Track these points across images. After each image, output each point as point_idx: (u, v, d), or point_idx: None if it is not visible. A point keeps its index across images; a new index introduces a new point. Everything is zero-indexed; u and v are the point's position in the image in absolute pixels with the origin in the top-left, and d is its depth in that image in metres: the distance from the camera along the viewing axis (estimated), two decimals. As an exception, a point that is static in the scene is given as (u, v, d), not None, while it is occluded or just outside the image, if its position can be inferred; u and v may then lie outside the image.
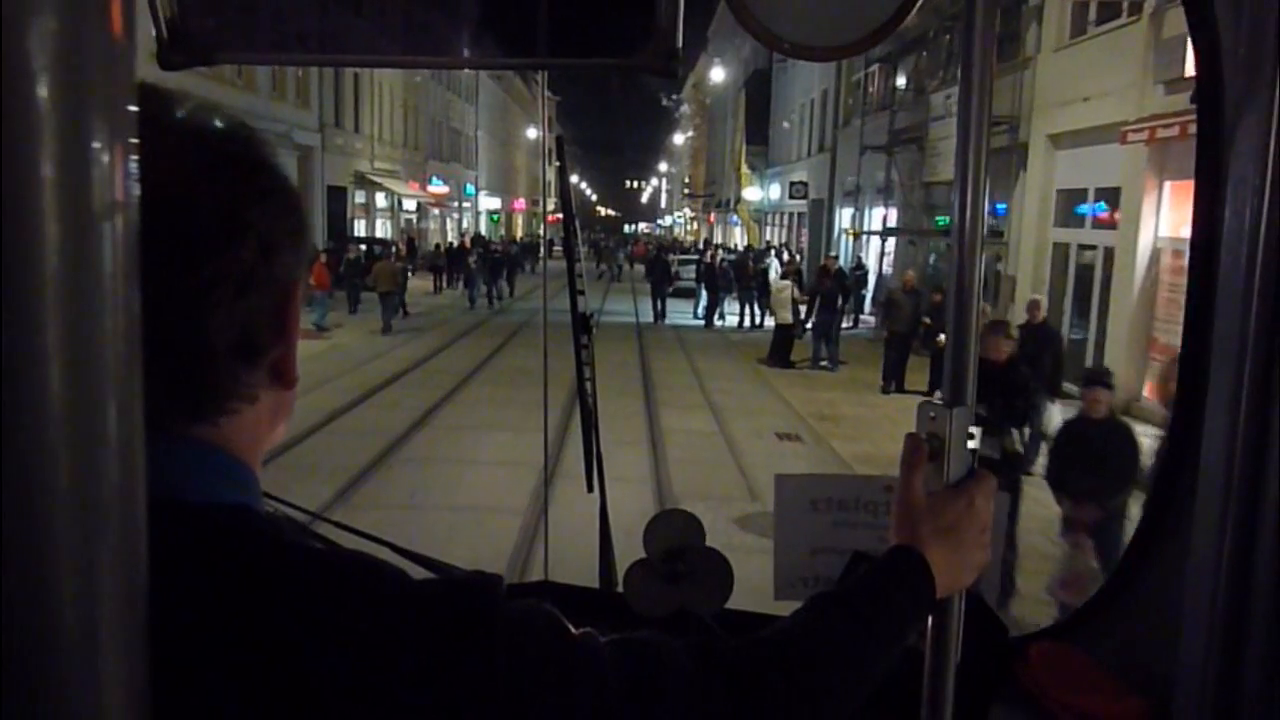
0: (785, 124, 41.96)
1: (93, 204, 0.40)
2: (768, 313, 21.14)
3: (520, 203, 74.86)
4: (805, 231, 36.91)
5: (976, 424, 1.01)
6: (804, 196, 35.22)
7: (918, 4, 1.12)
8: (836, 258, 22.29)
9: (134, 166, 0.42)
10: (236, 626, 0.64)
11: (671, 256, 32.96)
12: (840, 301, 17.34)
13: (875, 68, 25.85)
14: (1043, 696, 1.33)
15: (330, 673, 0.64)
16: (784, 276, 19.39)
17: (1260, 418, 0.93)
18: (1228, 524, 0.96)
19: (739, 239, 50.75)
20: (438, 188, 44.04)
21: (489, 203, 61.65)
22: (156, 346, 0.45)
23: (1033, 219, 16.09)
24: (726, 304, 24.57)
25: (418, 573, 0.97)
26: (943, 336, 12.20)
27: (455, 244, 36.05)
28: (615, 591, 1.63)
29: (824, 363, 16.69)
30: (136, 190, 0.42)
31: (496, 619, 0.70)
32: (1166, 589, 1.26)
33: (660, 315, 25.16)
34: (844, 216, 30.91)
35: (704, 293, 24.89)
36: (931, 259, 21.58)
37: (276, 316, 0.74)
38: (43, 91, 0.38)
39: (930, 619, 1.04)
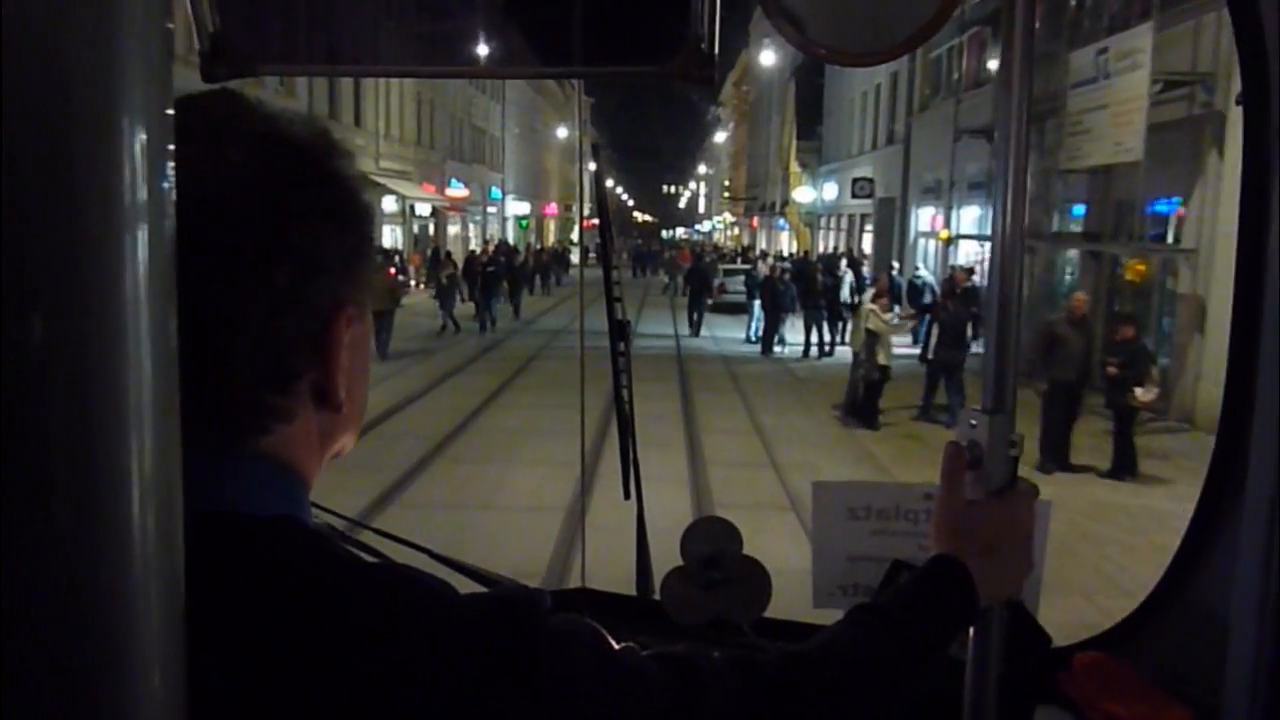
0: (835, 115, 36.77)
1: (127, 213, 0.40)
2: (844, 339, 17.41)
3: (552, 207, 70.59)
4: (869, 235, 32.37)
5: None
6: (868, 195, 30.51)
7: (958, 6, 1.11)
8: (972, 271, 15.61)
9: (170, 175, 0.42)
10: (277, 638, 0.64)
11: (718, 265, 29.72)
12: (972, 330, 12.09)
13: (968, 36, 20.79)
14: (1086, 707, 1.31)
15: (373, 689, 0.64)
16: (877, 296, 13.04)
17: None
18: (1276, 534, 0.94)
19: (785, 245, 47.06)
20: (457, 190, 39.91)
21: (517, 207, 57.24)
22: (181, 363, 0.45)
23: (1235, 216, 10.79)
24: (786, 324, 19.81)
25: (461, 582, 0.98)
26: (1141, 390, 9.30)
27: (478, 251, 31.21)
28: (652, 599, 1.63)
29: (938, 415, 11.89)
30: (173, 199, 0.43)
31: (542, 635, 0.70)
32: (1213, 600, 1.24)
33: (696, 327, 22.48)
34: (920, 217, 26.19)
35: (758, 310, 20.28)
36: (1067, 271, 16.46)
37: (315, 341, 0.72)
38: (79, 99, 0.38)
39: (972, 629, 1.03)
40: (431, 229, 38.73)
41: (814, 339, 18.83)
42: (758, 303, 20.37)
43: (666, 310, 26.97)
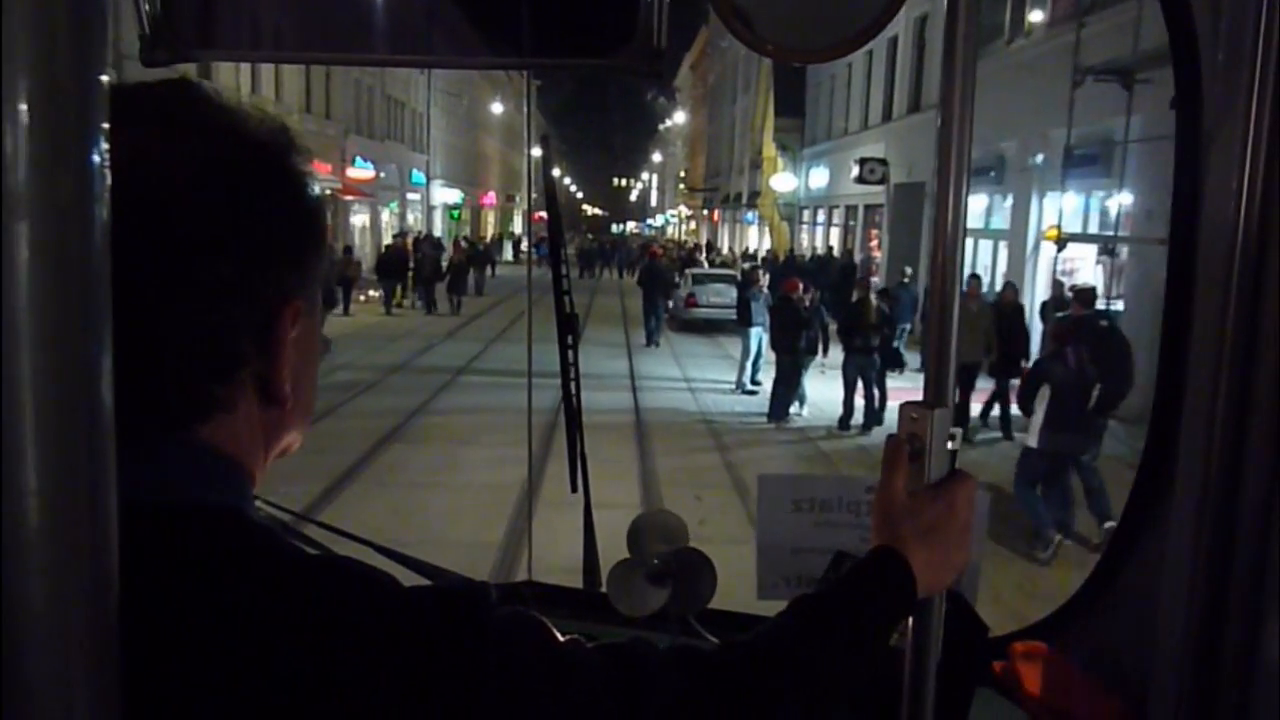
0: (827, 84, 28.68)
1: (61, 199, 0.39)
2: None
3: (491, 197, 62.45)
4: (879, 232, 25.00)
5: None
6: (880, 180, 22.64)
7: (901, 6, 1.13)
8: (1090, 295, 9.05)
9: (105, 159, 0.41)
10: (218, 629, 0.64)
11: (686, 270, 24.06)
12: (1102, 400, 7.25)
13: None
14: (1022, 696, 1.34)
15: (314, 680, 0.63)
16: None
17: (1236, 420, 0.94)
18: (1204, 525, 0.97)
19: (754, 241, 40.76)
20: (361, 171, 32.60)
21: (446, 195, 48.97)
22: (120, 349, 0.44)
23: None
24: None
25: (405, 575, 0.97)
26: None
27: (391, 245, 25.91)
28: (599, 591, 1.63)
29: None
30: (107, 183, 0.42)
31: (486, 627, 0.70)
32: (1145, 590, 1.27)
33: (652, 337, 18.63)
34: (967, 208, 17.00)
35: (758, 342, 13.44)
36: None
37: (260, 332, 0.72)
38: (12, 83, 0.37)
39: (911, 619, 1.04)
40: (334, 217, 30.07)
41: (860, 394, 11.37)
42: (757, 330, 13.45)
43: (618, 327, 20.95)
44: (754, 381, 13.72)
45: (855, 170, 23.27)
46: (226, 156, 0.71)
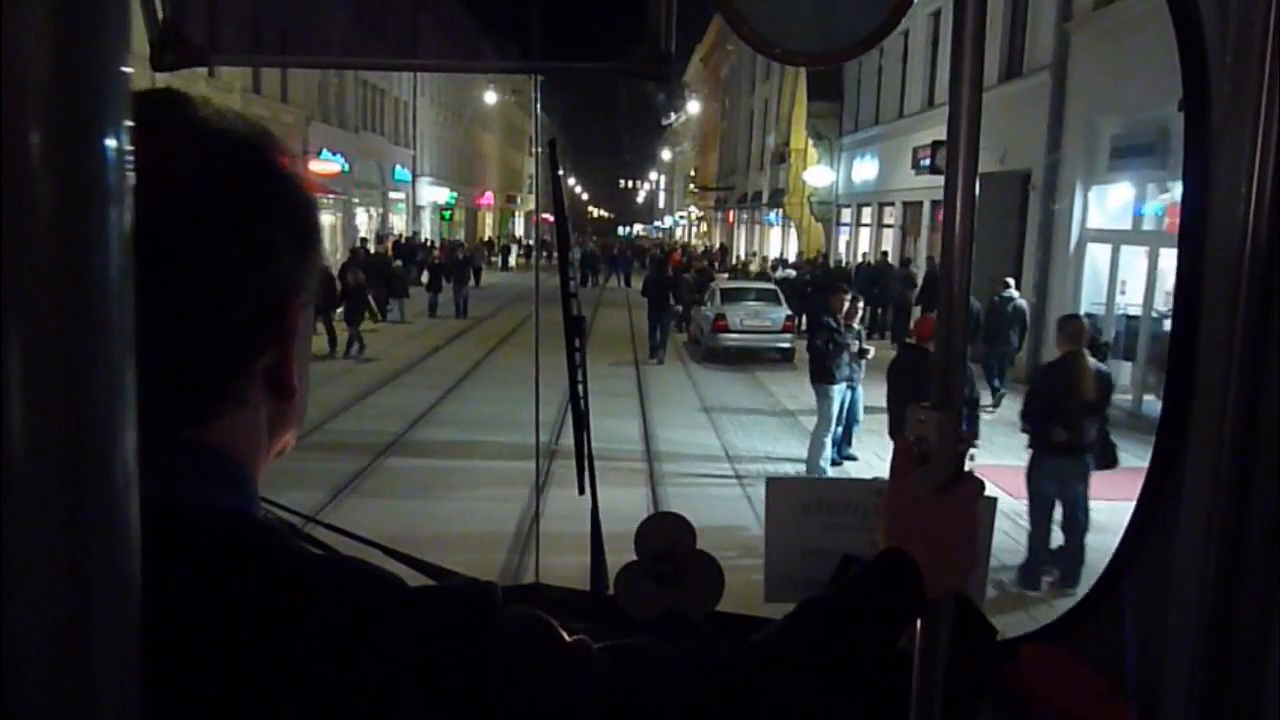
0: (873, 59, 22.74)
1: (86, 201, 0.39)
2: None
3: (488, 197, 57.25)
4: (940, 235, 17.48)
5: None
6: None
7: (908, 10, 1.13)
8: None
9: (129, 162, 0.42)
10: (229, 631, 0.64)
11: (720, 280, 20.74)
12: None
13: None
14: (1031, 699, 1.33)
15: (324, 680, 0.64)
16: None
17: (1246, 421, 0.94)
18: (1214, 527, 0.97)
19: (774, 247, 36.08)
20: (326, 165, 28.12)
21: (435, 194, 44.27)
22: (139, 345, 0.45)
23: None
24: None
25: (412, 577, 0.98)
26: None
27: (354, 250, 22.66)
28: (606, 594, 1.63)
29: None
30: (130, 185, 0.42)
31: (493, 627, 0.71)
32: (1155, 592, 1.27)
33: (658, 351, 17.07)
34: (1096, 203, 14.46)
35: (837, 408, 9.07)
36: None
37: (273, 323, 0.74)
38: (36, 89, 0.37)
39: (919, 621, 1.04)
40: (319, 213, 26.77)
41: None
42: (841, 388, 9.10)
43: (626, 349, 17.76)
44: (834, 463, 9.18)
45: (925, 157, 18.67)
46: (223, 156, 0.73)
